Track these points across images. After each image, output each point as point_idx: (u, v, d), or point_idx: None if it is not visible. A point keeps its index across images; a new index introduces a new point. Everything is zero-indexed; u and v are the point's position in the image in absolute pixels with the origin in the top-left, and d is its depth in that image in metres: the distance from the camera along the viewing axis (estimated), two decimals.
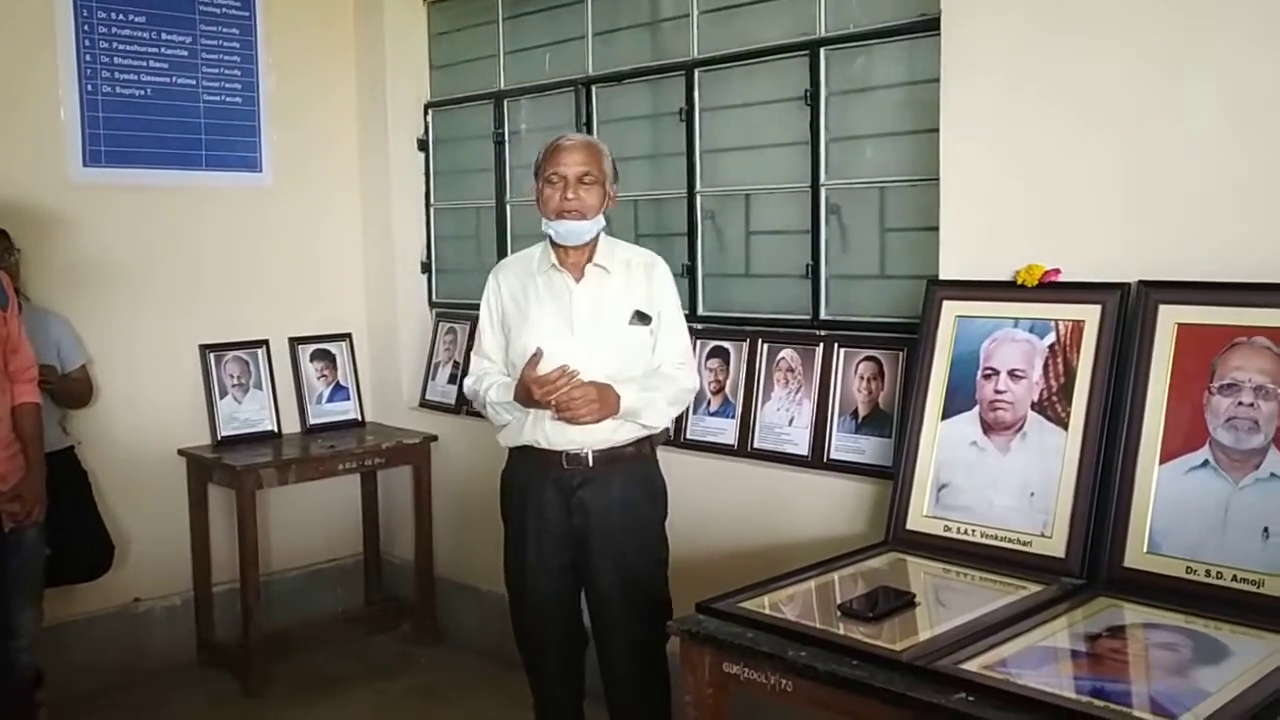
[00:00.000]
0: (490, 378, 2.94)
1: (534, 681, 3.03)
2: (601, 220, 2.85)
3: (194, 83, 4.27)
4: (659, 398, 2.83)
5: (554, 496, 2.85)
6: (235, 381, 4.32)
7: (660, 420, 2.87)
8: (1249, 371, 2.22)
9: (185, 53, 4.25)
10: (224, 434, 4.24)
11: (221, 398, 4.27)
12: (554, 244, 2.86)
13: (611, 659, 2.91)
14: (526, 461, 2.89)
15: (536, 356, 2.77)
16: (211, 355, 4.28)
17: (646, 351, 2.86)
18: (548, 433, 2.81)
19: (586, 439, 2.79)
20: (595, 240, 2.88)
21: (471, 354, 3.07)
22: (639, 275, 2.89)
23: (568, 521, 2.84)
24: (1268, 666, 1.85)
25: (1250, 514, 2.17)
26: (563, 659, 2.97)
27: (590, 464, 2.81)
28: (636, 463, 2.86)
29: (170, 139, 4.22)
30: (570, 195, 2.78)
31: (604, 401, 2.73)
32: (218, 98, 4.33)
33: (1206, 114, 2.36)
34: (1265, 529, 2.14)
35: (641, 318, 2.85)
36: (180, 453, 4.19)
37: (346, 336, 4.65)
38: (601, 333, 2.81)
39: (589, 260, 2.87)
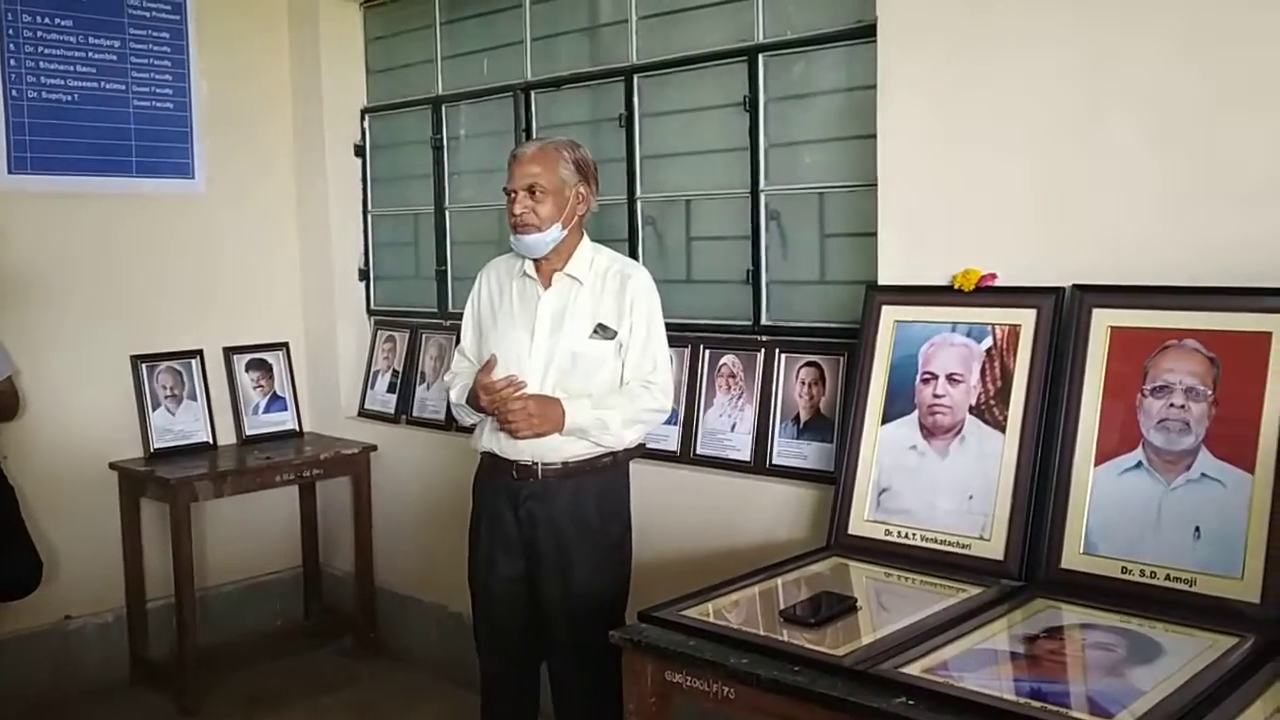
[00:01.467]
0: (462, 378, 2.92)
1: (483, 687, 2.99)
2: (558, 231, 2.78)
3: (123, 87, 4.18)
4: (613, 417, 2.74)
5: (506, 506, 2.83)
6: (168, 393, 4.23)
7: (616, 441, 2.78)
8: (1180, 374, 2.26)
9: (114, 57, 4.16)
10: (157, 446, 4.16)
11: (154, 409, 4.18)
12: None
13: (558, 673, 2.88)
14: (487, 467, 2.89)
15: (491, 363, 2.77)
16: (143, 366, 4.19)
17: (609, 366, 2.80)
18: (500, 442, 2.80)
19: (537, 450, 2.76)
20: (570, 248, 2.84)
21: (456, 348, 3.07)
22: (613, 286, 2.82)
23: (518, 531, 2.82)
24: (1200, 664, 1.88)
25: (1182, 514, 2.20)
26: (514, 672, 2.94)
27: (540, 476, 2.78)
28: (592, 478, 2.81)
29: (99, 145, 4.13)
30: (518, 210, 2.76)
31: (544, 417, 2.70)
32: (148, 103, 4.24)
33: (1131, 124, 2.40)
34: (1196, 528, 2.18)
35: (604, 331, 2.79)
36: (112, 466, 4.09)
37: (283, 346, 4.58)
38: (559, 343, 2.78)
39: (562, 269, 2.84)
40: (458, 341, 3.07)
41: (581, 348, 2.78)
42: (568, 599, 2.80)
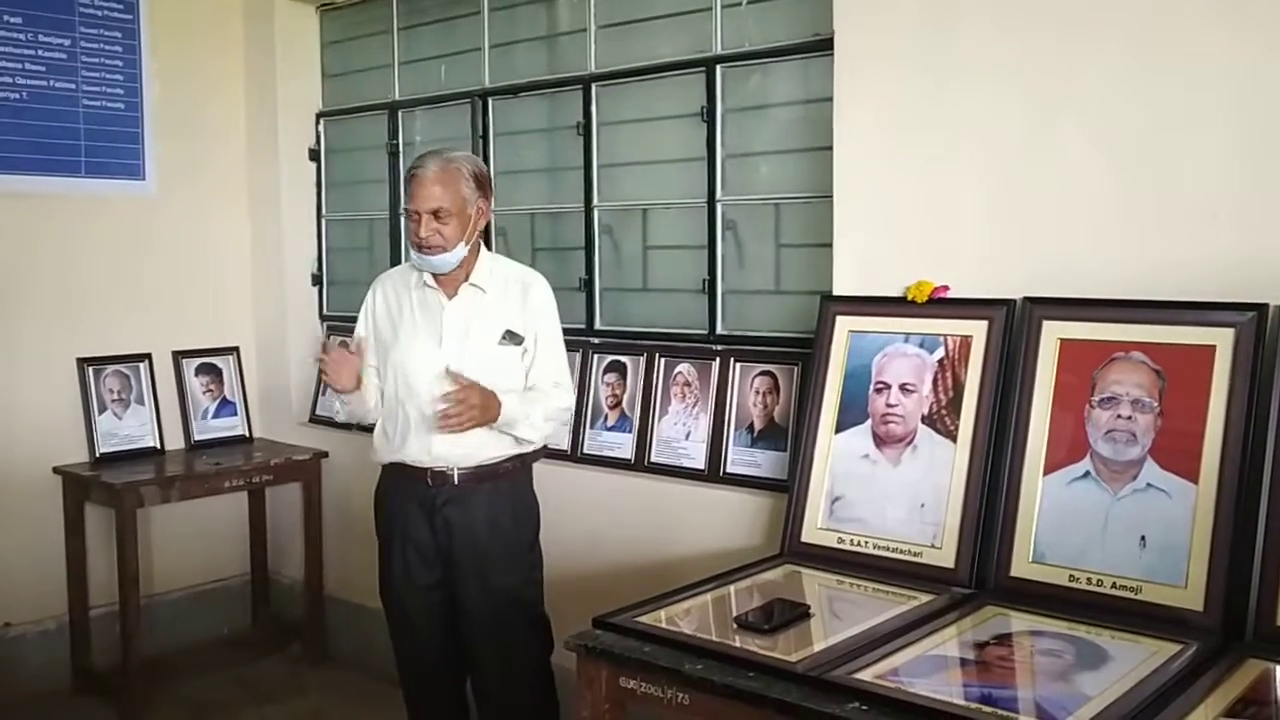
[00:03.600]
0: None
1: (410, 709, 2.97)
2: (463, 249, 2.79)
3: (73, 87, 4.12)
4: (536, 412, 2.80)
5: (419, 514, 2.83)
6: (115, 396, 4.17)
7: (535, 434, 2.83)
8: (1127, 385, 2.30)
9: (64, 55, 4.09)
10: (103, 451, 4.09)
11: (100, 413, 4.12)
12: None
13: (482, 678, 2.88)
14: (395, 478, 2.88)
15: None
16: (90, 369, 4.12)
17: (517, 371, 2.83)
18: (413, 451, 2.80)
19: (452, 455, 2.77)
20: (471, 258, 2.85)
21: None
22: (515, 294, 2.86)
23: (433, 539, 2.82)
24: (1145, 670, 1.91)
25: (1128, 523, 2.24)
26: (440, 683, 2.93)
27: (455, 482, 2.79)
28: (505, 480, 2.84)
29: (48, 144, 4.06)
30: (424, 233, 2.75)
31: (485, 408, 2.70)
32: (98, 103, 4.18)
33: (1082, 141, 2.45)
34: (1142, 537, 2.22)
35: (512, 337, 2.83)
36: (56, 470, 4.01)
37: (234, 350, 4.53)
38: (470, 351, 2.79)
39: (465, 279, 2.84)
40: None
41: (491, 354, 2.81)
42: (489, 603, 2.81)
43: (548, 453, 3.06)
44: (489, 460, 2.80)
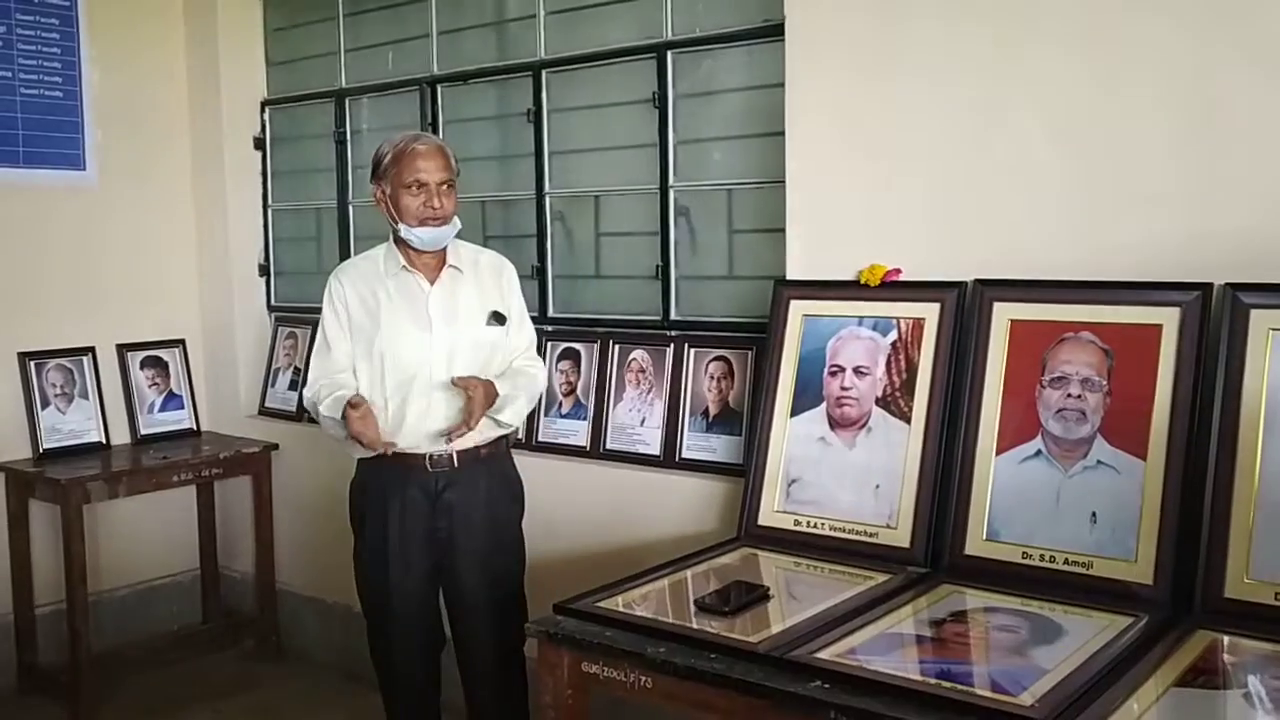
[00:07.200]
0: (329, 389, 2.80)
1: (394, 692, 2.95)
2: (458, 222, 2.83)
3: (10, 75, 4.02)
4: (522, 397, 2.84)
5: (419, 500, 2.80)
6: (58, 391, 4.08)
7: (517, 419, 2.88)
8: (1076, 365, 2.34)
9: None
10: (46, 446, 4.01)
11: (43, 408, 4.03)
12: (402, 246, 2.82)
13: (475, 659, 2.88)
14: (385, 469, 2.81)
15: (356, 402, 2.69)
16: (32, 364, 4.03)
17: (503, 351, 2.87)
18: (410, 438, 2.77)
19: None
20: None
21: (313, 359, 2.90)
22: (489, 276, 2.90)
23: (431, 524, 2.80)
24: (1098, 643, 1.95)
25: (1079, 500, 2.28)
26: (425, 665, 2.92)
27: (455, 464, 2.78)
28: (495, 462, 2.87)
29: None
30: (436, 205, 2.75)
31: (489, 398, 2.73)
32: (36, 91, 4.09)
33: (1031, 126, 2.48)
34: (1093, 514, 2.26)
35: (498, 318, 2.86)
36: None
37: (180, 343, 4.45)
38: (459, 333, 2.80)
39: (443, 262, 2.83)
40: (308, 357, 2.98)
41: (480, 335, 2.83)
42: (483, 584, 2.81)
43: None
44: (483, 441, 2.82)
